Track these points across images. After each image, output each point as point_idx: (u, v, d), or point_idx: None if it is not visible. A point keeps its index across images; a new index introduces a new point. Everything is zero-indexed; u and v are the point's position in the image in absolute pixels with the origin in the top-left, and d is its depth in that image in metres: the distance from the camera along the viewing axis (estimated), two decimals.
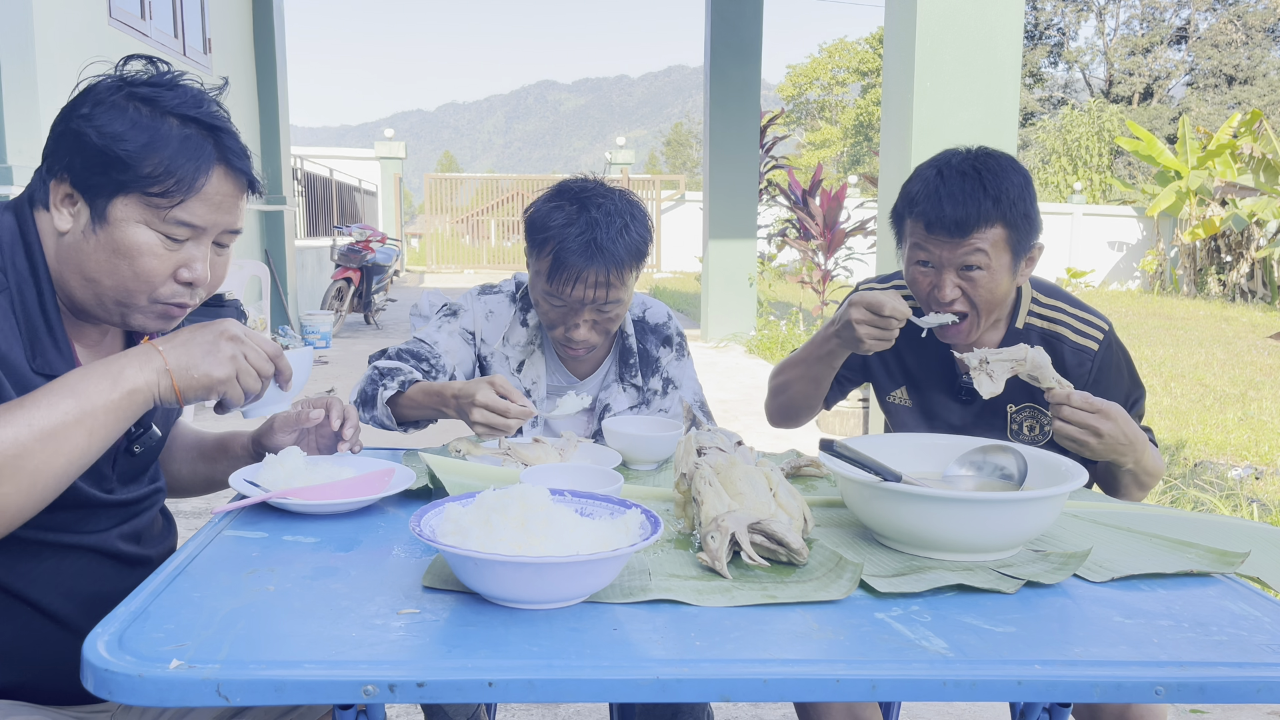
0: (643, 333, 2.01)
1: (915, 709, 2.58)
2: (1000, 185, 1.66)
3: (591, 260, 1.72)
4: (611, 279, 1.75)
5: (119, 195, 1.17)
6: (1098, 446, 1.56)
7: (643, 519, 1.08)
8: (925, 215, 1.68)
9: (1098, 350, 1.77)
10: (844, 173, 39.29)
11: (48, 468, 1.04)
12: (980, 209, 1.65)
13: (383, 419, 1.77)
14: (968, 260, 1.67)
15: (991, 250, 1.67)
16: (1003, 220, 1.66)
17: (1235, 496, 4.25)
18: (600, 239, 1.73)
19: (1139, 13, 45.52)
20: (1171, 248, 18.10)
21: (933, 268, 1.71)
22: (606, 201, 1.78)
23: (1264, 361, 8.96)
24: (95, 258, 1.18)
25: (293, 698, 0.82)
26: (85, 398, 1.06)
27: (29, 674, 1.24)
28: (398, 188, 22.43)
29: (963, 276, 1.69)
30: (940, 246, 1.68)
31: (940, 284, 1.71)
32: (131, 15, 6.19)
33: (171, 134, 1.18)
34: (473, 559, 0.95)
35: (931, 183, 1.69)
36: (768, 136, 11.77)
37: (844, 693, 0.88)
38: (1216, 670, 0.92)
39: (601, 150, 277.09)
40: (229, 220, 1.25)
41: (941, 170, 1.70)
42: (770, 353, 9.01)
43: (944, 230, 1.66)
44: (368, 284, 10.90)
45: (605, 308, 1.79)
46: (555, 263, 1.74)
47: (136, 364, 1.10)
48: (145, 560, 1.34)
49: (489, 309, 1.96)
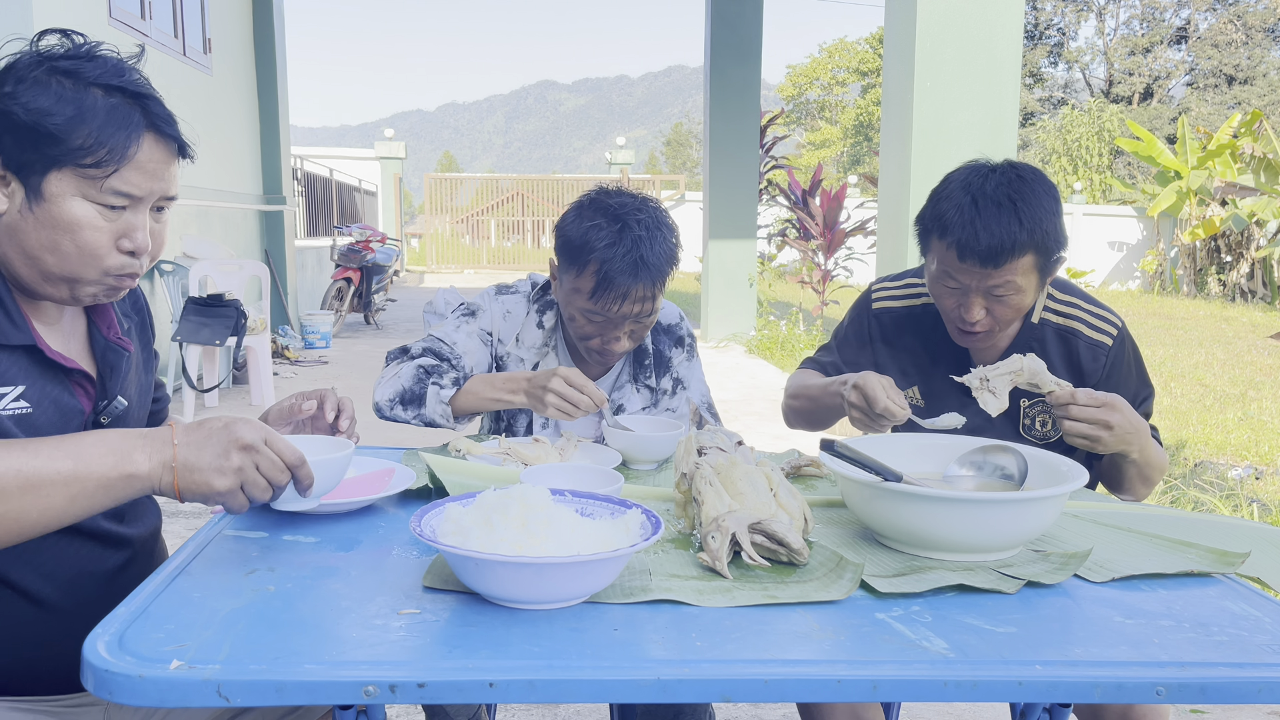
0: (657, 333, 2.02)
1: (915, 709, 2.58)
2: (1034, 215, 1.64)
3: (638, 277, 1.74)
4: (655, 291, 1.79)
5: (52, 170, 1.16)
6: (1110, 439, 1.57)
7: (643, 519, 1.08)
8: (958, 244, 1.66)
9: (1112, 346, 1.78)
10: (844, 173, 39.30)
11: (21, 516, 1.03)
12: (1015, 242, 1.63)
13: (435, 417, 1.78)
14: (998, 286, 1.67)
15: (1022, 278, 1.67)
16: (1034, 249, 1.65)
17: (1235, 496, 4.25)
18: (646, 256, 1.75)
19: (1139, 13, 45.52)
20: (1171, 248, 18.10)
21: (960, 290, 1.71)
22: (644, 215, 1.79)
23: (1264, 361, 8.96)
24: (36, 235, 1.17)
25: (293, 698, 0.82)
26: (84, 464, 1.05)
27: (9, 659, 1.22)
28: (398, 188, 22.43)
29: (990, 299, 1.69)
30: (971, 276, 1.67)
31: (968, 306, 1.71)
32: (131, 15, 6.19)
33: (98, 104, 1.17)
34: (473, 559, 0.95)
35: (966, 211, 1.66)
36: (768, 136, 11.77)
37: (845, 693, 0.88)
38: (1217, 670, 0.92)
39: (601, 150, 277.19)
40: (163, 187, 1.23)
41: (976, 199, 1.66)
42: (770, 353, 9.01)
43: (976, 261, 1.65)
44: (368, 284, 10.90)
45: (644, 319, 1.82)
46: (602, 282, 1.74)
47: (148, 450, 1.08)
48: (127, 541, 1.32)
49: (506, 309, 1.97)
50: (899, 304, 1.92)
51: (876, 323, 1.93)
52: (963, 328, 1.74)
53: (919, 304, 1.90)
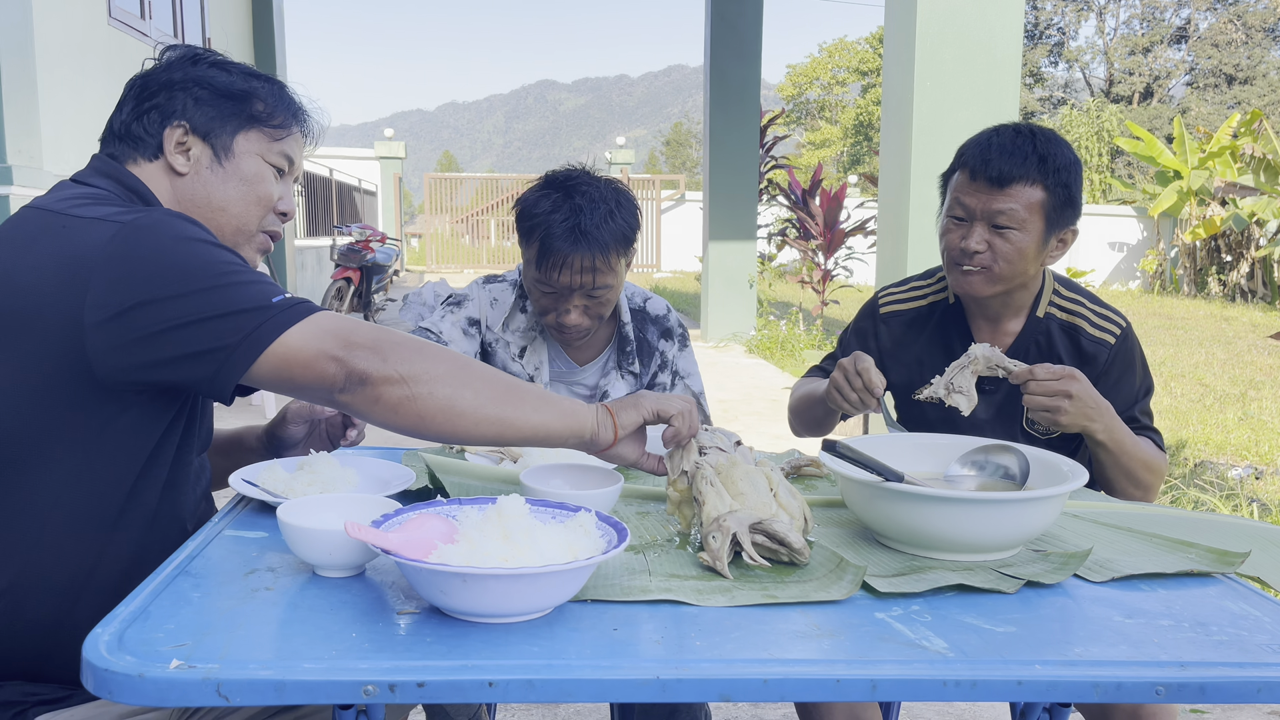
0: (642, 322, 2.05)
1: (915, 709, 2.58)
2: (1050, 150, 1.72)
3: (577, 246, 1.76)
4: (598, 264, 1.79)
5: (241, 131, 1.34)
6: (1072, 408, 1.60)
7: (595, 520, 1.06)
8: (971, 163, 1.73)
9: (1114, 343, 1.80)
10: (844, 173, 39.27)
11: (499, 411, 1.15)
12: (1025, 164, 1.69)
13: None
14: (1002, 213, 1.70)
15: (1027, 211, 1.70)
16: (1044, 183, 1.71)
17: (1235, 496, 4.25)
18: (585, 224, 1.77)
19: (1139, 12, 45.51)
20: (1172, 248, 18.09)
21: (966, 221, 1.75)
22: (591, 189, 1.82)
23: (1264, 361, 8.96)
24: (224, 188, 1.34)
25: (293, 698, 0.82)
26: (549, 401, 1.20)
27: None
28: (398, 187, 22.43)
29: (993, 232, 1.73)
30: (978, 196, 1.72)
31: (969, 233, 1.74)
32: (131, 15, 6.19)
33: (262, 85, 1.37)
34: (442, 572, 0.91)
35: (984, 137, 1.76)
36: (768, 136, 11.77)
37: (844, 693, 0.88)
38: (1217, 670, 0.92)
39: (601, 150, 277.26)
40: (302, 163, 1.43)
41: (998, 130, 1.76)
42: (770, 353, 9.01)
43: (986, 179, 1.71)
44: (367, 284, 10.91)
45: (595, 293, 1.83)
46: (542, 249, 1.79)
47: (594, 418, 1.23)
48: None
49: (493, 297, 2.00)
50: (905, 306, 1.95)
51: (885, 327, 1.96)
52: (961, 261, 1.76)
53: (924, 304, 1.94)
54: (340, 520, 1.02)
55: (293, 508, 1.10)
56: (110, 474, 1.19)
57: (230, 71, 1.36)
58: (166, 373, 1.12)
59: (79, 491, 1.18)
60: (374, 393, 1.10)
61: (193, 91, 1.32)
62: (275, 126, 1.37)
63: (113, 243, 1.12)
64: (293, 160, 1.40)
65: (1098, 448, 1.68)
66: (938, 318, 1.90)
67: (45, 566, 1.18)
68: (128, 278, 1.10)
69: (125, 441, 1.19)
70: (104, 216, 1.16)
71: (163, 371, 1.12)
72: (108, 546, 1.20)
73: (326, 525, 1.05)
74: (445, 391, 1.11)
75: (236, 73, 1.37)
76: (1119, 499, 1.74)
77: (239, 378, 1.11)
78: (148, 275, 1.11)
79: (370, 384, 1.10)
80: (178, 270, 1.11)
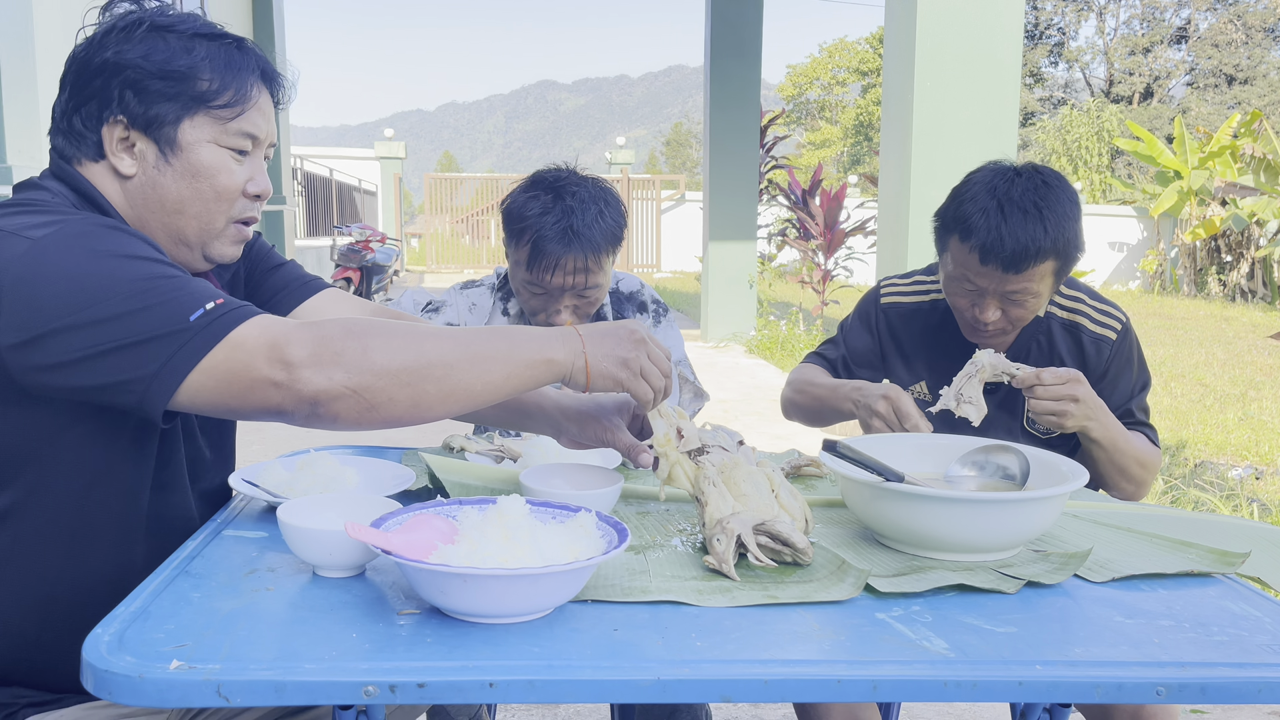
0: (618, 303, 2.07)
1: (915, 709, 2.58)
2: (1059, 223, 1.65)
3: (569, 247, 1.78)
4: (589, 264, 1.81)
5: (185, 118, 1.18)
6: (1078, 412, 1.61)
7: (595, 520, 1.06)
8: (981, 248, 1.66)
9: (1115, 340, 1.81)
10: (844, 173, 39.27)
11: (468, 385, 1.08)
12: (1039, 250, 1.64)
13: None
14: (1018, 291, 1.69)
15: (1040, 283, 1.69)
16: (1056, 256, 1.67)
17: (1235, 496, 4.25)
18: (576, 225, 1.78)
19: (1139, 12, 45.51)
20: (1172, 248, 18.08)
21: (977, 292, 1.73)
22: (580, 189, 1.83)
23: (1264, 361, 8.96)
24: (175, 187, 1.20)
25: (293, 698, 0.82)
26: (516, 346, 1.12)
27: None
28: (398, 188, 22.43)
29: (1007, 302, 1.71)
30: (991, 279, 1.69)
31: (983, 308, 1.73)
32: None
33: (212, 50, 1.20)
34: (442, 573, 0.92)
35: (992, 216, 1.66)
36: (768, 136, 11.77)
37: (845, 693, 0.88)
38: (1217, 670, 0.92)
39: (601, 150, 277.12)
40: (272, 130, 1.28)
41: (1003, 205, 1.66)
42: (770, 353, 9.00)
43: (999, 266, 1.66)
44: (368, 284, 10.90)
45: (586, 292, 1.85)
46: (534, 251, 1.79)
47: (560, 340, 1.14)
48: None
49: (471, 302, 2.02)
50: (907, 299, 1.95)
51: (884, 317, 1.96)
52: (976, 327, 1.76)
53: (926, 300, 1.94)
54: (340, 520, 1.03)
55: (293, 508, 1.10)
56: (73, 485, 1.14)
57: (168, 39, 1.18)
58: (92, 397, 1.05)
59: (39, 503, 1.13)
60: (330, 411, 1.04)
61: (126, 75, 1.16)
62: (226, 105, 1.19)
63: (21, 262, 1.03)
64: (256, 135, 1.24)
65: (1092, 445, 1.69)
66: (939, 317, 1.90)
67: (14, 580, 1.15)
68: (35, 301, 1.02)
69: (84, 453, 1.13)
70: (17, 230, 1.06)
71: (88, 395, 1.05)
72: (87, 554, 1.17)
73: (327, 525, 1.05)
74: (405, 394, 1.05)
75: (175, 40, 1.18)
76: (1113, 494, 1.75)
77: (164, 405, 1.03)
78: (56, 299, 1.02)
79: (322, 404, 1.03)
80: (86, 295, 1.02)
